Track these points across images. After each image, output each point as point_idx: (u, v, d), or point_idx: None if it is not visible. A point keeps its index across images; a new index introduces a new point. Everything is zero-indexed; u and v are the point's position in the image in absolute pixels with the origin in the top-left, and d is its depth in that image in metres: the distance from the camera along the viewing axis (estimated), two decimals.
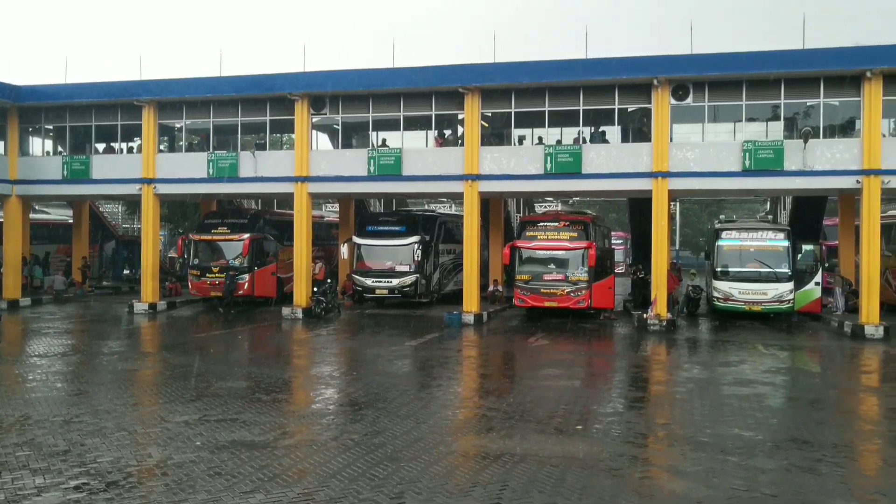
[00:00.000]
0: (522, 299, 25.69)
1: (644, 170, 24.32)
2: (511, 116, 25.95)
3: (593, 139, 25.87)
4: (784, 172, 23.43)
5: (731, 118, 25.60)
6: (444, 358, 18.66)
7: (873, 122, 22.74)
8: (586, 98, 24.93)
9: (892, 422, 12.30)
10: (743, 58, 23.45)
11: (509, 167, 25.48)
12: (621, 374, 17.48)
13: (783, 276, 25.04)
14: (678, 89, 24.07)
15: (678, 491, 8.50)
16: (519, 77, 24.86)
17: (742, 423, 11.61)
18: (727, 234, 26.35)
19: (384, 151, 26.62)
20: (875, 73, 22.42)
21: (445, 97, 26.04)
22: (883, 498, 8.41)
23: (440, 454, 9.86)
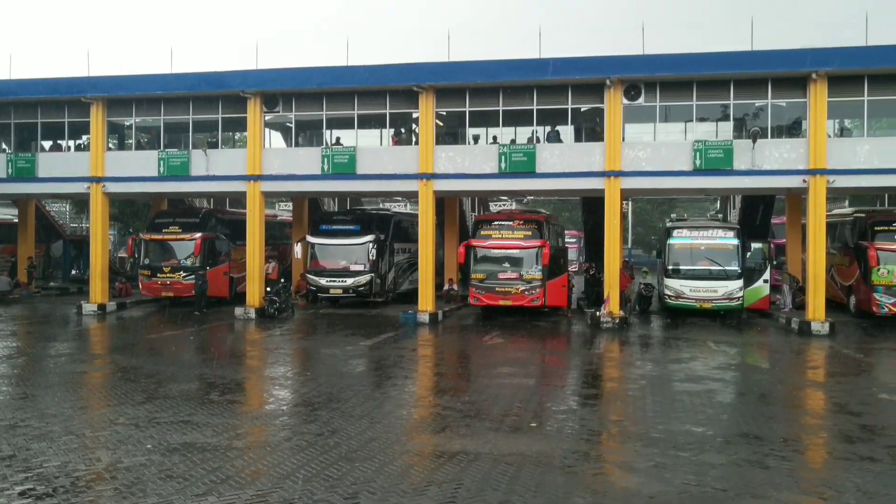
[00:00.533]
0: (477, 298, 25.75)
1: (597, 169, 24.55)
2: (465, 115, 26.00)
3: (547, 139, 26.07)
4: (733, 172, 23.85)
5: (682, 118, 25.95)
6: (399, 357, 18.63)
7: (819, 123, 23.25)
8: (540, 98, 25.09)
9: (837, 416, 12.57)
10: (693, 59, 23.83)
11: (464, 166, 25.53)
12: (575, 371, 17.62)
13: (733, 273, 25.47)
14: (630, 89, 24.34)
15: (631, 487, 8.59)
16: (473, 76, 24.92)
17: (693, 418, 11.79)
18: (678, 232, 26.72)
19: (338, 150, 26.46)
20: (820, 74, 22.93)
21: (400, 96, 25.99)
22: (828, 490, 8.59)
23: (395, 454, 9.84)
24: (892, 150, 23.19)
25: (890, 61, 22.81)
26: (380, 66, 25.73)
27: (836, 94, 23.35)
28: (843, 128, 27.20)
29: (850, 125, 27.34)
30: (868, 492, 8.44)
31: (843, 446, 10.46)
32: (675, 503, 8.05)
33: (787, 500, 8.18)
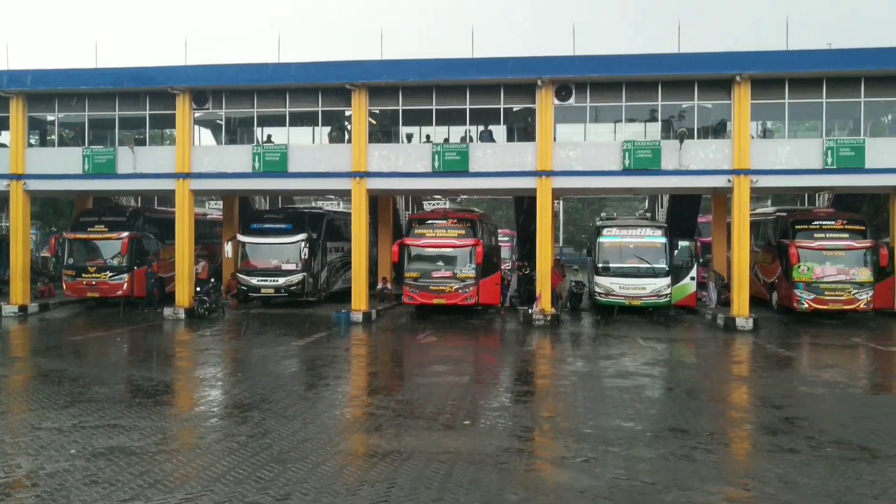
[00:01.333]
0: (411, 297, 25.76)
1: (529, 169, 24.81)
2: (399, 114, 25.98)
3: (480, 138, 26.22)
4: (661, 172, 24.37)
5: (612, 119, 26.41)
6: (331, 357, 18.50)
7: (743, 125, 23.93)
8: (473, 97, 25.23)
9: (760, 409, 12.96)
10: (622, 60, 24.27)
11: (397, 165, 25.50)
12: (508, 368, 17.77)
13: (661, 271, 26.01)
14: (561, 90, 24.66)
15: (562, 482, 8.71)
16: (406, 75, 24.91)
17: (623, 414, 12.01)
18: (608, 231, 27.16)
19: (269, 148, 26.15)
20: (744, 77, 23.60)
21: (332, 94, 25.82)
22: (752, 481, 8.85)
23: (328, 454, 9.77)
24: (811, 152, 24.00)
25: (809, 65, 23.62)
26: (312, 64, 25.52)
27: (759, 96, 24.08)
28: (766, 129, 28.04)
29: (772, 127, 28.19)
30: (789, 481, 8.72)
31: (765, 438, 10.79)
32: (605, 497, 8.18)
33: (713, 491, 8.39)
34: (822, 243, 25.01)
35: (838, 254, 24.90)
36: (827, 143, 23.78)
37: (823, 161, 23.73)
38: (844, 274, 24.68)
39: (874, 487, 8.54)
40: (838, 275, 24.69)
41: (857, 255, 24.86)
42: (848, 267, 24.73)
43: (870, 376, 16.98)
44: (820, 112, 24.47)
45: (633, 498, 8.17)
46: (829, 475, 8.97)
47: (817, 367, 17.73)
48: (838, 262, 24.82)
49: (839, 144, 23.76)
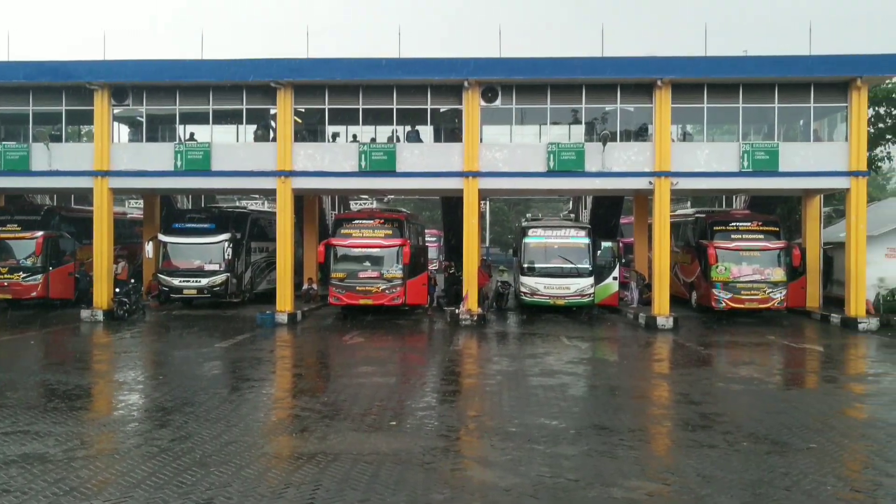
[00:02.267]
0: (337, 297, 25.58)
1: (456, 169, 24.92)
2: (325, 113, 25.81)
3: (407, 138, 26.22)
4: (585, 173, 24.78)
5: (538, 121, 26.75)
6: (256, 359, 18.24)
7: (664, 128, 24.52)
8: (400, 97, 25.22)
9: (680, 406, 13.29)
10: (547, 63, 24.58)
11: (324, 164, 25.31)
12: (434, 368, 17.80)
13: (584, 271, 26.44)
14: (488, 91, 24.85)
15: (488, 480, 8.78)
16: (332, 73, 24.76)
17: (547, 412, 12.17)
18: (533, 231, 27.47)
19: (192, 146, 25.65)
20: (665, 82, 24.18)
21: (257, 91, 25.49)
22: (671, 476, 9.07)
23: (252, 457, 9.63)
24: (728, 155, 24.74)
25: (727, 71, 24.35)
26: (236, 61, 25.09)
27: (680, 100, 24.71)
28: (686, 133, 28.78)
29: (692, 130, 28.95)
30: (707, 476, 8.98)
31: (684, 434, 11.08)
32: (530, 495, 8.28)
33: (634, 487, 8.58)
34: (739, 244, 25.81)
35: (754, 254, 25.73)
36: (743, 147, 24.54)
37: (740, 164, 24.48)
38: (760, 274, 25.51)
39: (786, 479, 8.86)
40: (754, 274, 25.51)
41: (772, 255, 25.73)
42: (763, 267, 25.57)
43: (783, 372, 17.61)
44: (737, 116, 25.25)
45: (557, 495, 8.29)
46: (744, 468, 9.26)
47: (734, 364, 18.27)
48: (754, 263, 25.64)
49: (755, 148, 24.55)
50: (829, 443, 10.53)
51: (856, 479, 9.13)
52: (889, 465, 9.52)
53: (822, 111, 25.68)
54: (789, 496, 8.30)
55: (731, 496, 8.29)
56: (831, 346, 21.10)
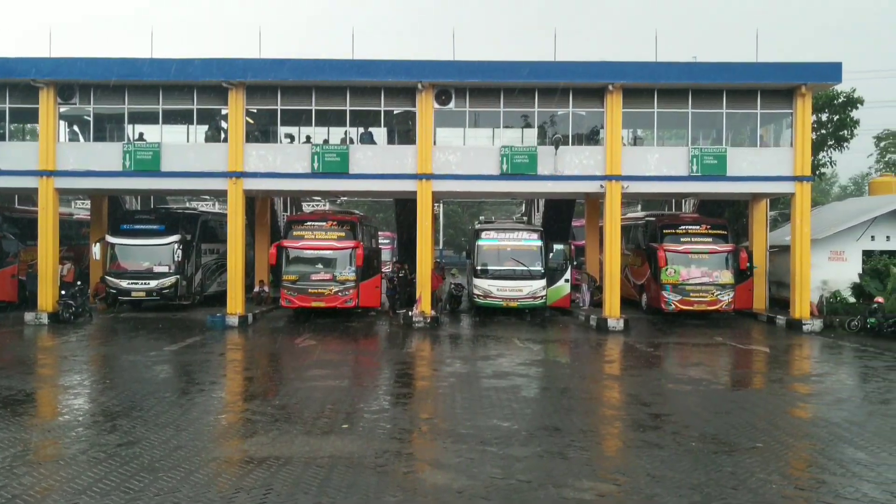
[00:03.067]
0: (289, 300, 25.39)
1: (409, 171, 24.92)
2: (277, 114, 25.59)
3: (361, 140, 26.14)
4: (537, 177, 24.97)
5: (491, 124, 26.88)
6: (206, 362, 18.01)
7: (615, 132, 24.82)
8: (353, 99, 25.14)
9: (630, 406, 13.46)
10: (500, 67, 24.72)
11: (276, 165, 25.11)
12: (387, 371, 17.76)
13: (537, 273, 26.63)
14: (441, 94, 24.90)
15: (440, 483, 8.78)
16: (284, 74, 24.58)
17: (500, 414, 12.22)
18: (486, 234, 27.59)
19: (141, 146, 25.24)
20: (616, 86, 24.49)
21: (209, 91, 25.19)
22: (622, 476, 9.18)
23: (202, 461, 9.50)
24: (678, 159, 25.15)
25: (676, 77, 24.74)
26: (187, 60, 24.76)
27: (631, 105, 25.05)
28: (637, 137, 29.17)
29: (642, 134, 29.36)
30: (656, 475, 9.11)
31: (635, 434, 11.21)
32: (482, 497, 8.31)
33: (585, 487, 8.66)
34: (688, 247, 26.23)
35: (702, 257, 26.17)
36: (692, 152, 24.95)
37: (689, 168, 24.89)
38: (708, 276, 25.94)
39: (733, 478, 9.03)
40: (702, 277, 25.94)
41: (720, 258, 26.19)
42: (711, 269, 26.01)
43: (731, 373, 17.92)
44: (686, 121, 25.67)
45: (509, 496, 8.33)
46: (692, 468, 9.41)
47: (683, 365, 18.57)
48: (703, 265, 26.07)
49: (703, 153, 24.97)
50: (774, 442, 10.75)
51: (800, 478, 9.35)
52: (831, 464, 9.76)
53: (768, 117, 26.24)
54: (736, 495, 8.46)
55: (680, 496, 8.41)
56: (777, 347, 21.54)
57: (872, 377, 16.83)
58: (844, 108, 31.96)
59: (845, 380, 16.88)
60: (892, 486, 8.80)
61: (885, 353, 19.93)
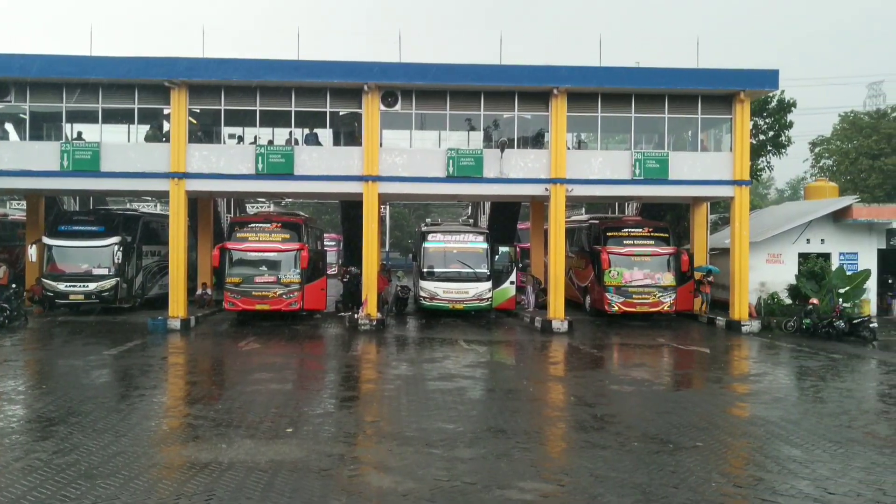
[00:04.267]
0: (233, 302, 25.08)
1: (355, 173, 24.83)
2: (221, 114, 25.25)
3: (306, 141, 25.96)
4: (483, 179, 25.08)
5: (437, 126, 26.90)
6: (147, 366, 17.65)
7: (560, 136, 25.07)
8: (299, 99, 24.95)
9: (574, 408, 13.60)
10: (447, 69, 24.77)
11: (219, 166, 24.78)
12: (333, 374, 17.66)
13: (483, 275, 26.77)
14: (388, 96, 24.85)
15: (385, 486, 8.76)
16: (228, 74, 24.27)
17: (445, 416, 12.24)
18: (432, 236, 27.64)
19: (80, 145, 24.67)
20: (561, 90, 24.73)
21: (150, 91, 24.75)
22: (565, 477, 9.28)
23: (142, 468, 9.33)
24: (620, 163, 25.50)
25: (620, 81, 25.08)
26: (128, 59, 24.30)
27: (575, 109, 25.32)
28: (581, 141, 29.50)
29: (586, 138, 29.69)
30: (600, 476, 9.22)
31: (578, 435, 11.34)
32: (427, 499, 8.32)
33: (530, 488, 8.73)
34: (631, 249, 26.62)
35: (645, 259, 26.58)
36: (635, 156, 25.33)
37: (632, 172, 25.26)
38: (650, 278, 26.36)
39: (674, 477, 9.19)
40: (645, 279, 26.34)
41: (662, 260, 26.63)
42: (653, 272, 26.43)
43: (672, 374, 18.22)
44: (629, 126, 26.03)
45: (455, 498, 8.35)
46: (635, 468, 9.55)
47: (626, 366, 18.83)
48: (645, 267, 26.48)
49: (646, 157, 25.37)
50: (714, 441, 10.97)
51: (738, 476, 9.55)
52: (768, 461, 9.99)
53: (708, 122, 26.77)
54: (677, 493, 8.61)
55: (623, 495, 8.53)
56: (717, 347, 22.00)
57: (807, 376, 17.29)
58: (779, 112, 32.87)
59: (782, 379, 17.29)
60: (825, 483, 9.05)
61: (820, 353, 20.49)
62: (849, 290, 25.55)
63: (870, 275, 26.92)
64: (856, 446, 10.74)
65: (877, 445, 10.83)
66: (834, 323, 23.19)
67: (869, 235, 28.87)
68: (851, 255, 28.69)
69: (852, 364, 19.02)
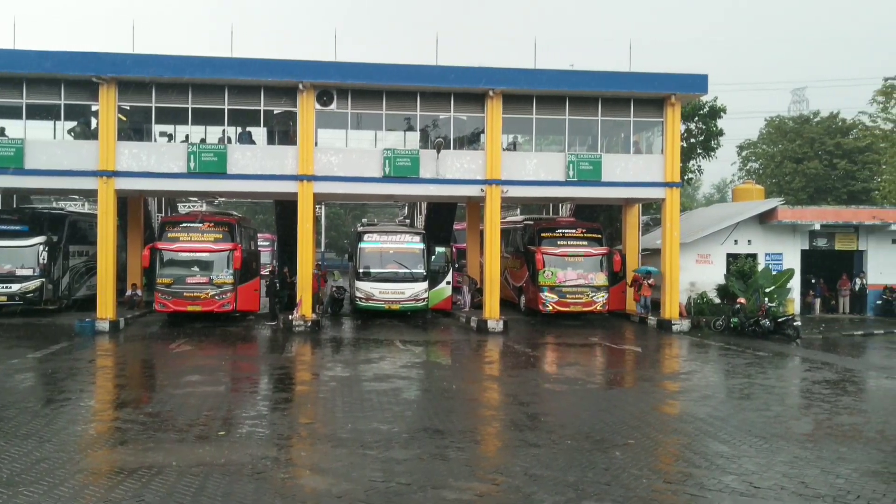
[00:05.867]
0: (164, 304, 24.58)
1: (290, 172, 24.58)
2: (152, 111, 24.71)
3: (240, 139, 25.59)
4: (420, 180, 25.09)
5: (374, 126, 26.82)
6: (74, 369, 17.17)
7: (495, 137, 25.24)
8: (232, 97, 24.59)
9: (509, 407, 13.71)
10: (382, 69, 24.71)
11: (150, 164, 24.26)
12: (266, 376, 17.45)
13: (419, 276, 26.78)
14: (323, 95, 24.67)
15: (320, 488, 8.70)
16: (159, 71, 23.77)
17: (381, 417, 12.21)
18: (368, 236, 27.53)
19: (2, 141, 23.88)
20: (496, 92, 24.90)
21: (78, 86, 24.10)
22: (500, 476, 9.34)
23: (67, 474, 9.07)
24: (554, 165, 25.79)
25: (554, 84, 25.36)
26: (55, 53, 23.58)
27: (511, 110, 25.52)
28: (516, 142, 29.74)
29: (522, 140, 29.95)
30: (533, 474, 9.31)
31: (513, 434, 11.44)
32: (362, 500, 8.28)
33: (464, 488, 8.77)
34: (565, 250, 26.94)
35: (578, 259, 26.93)
36: (569, 158, 25.64)
37: (566, 174, 25.57)
38: (584, 278, 26.71)
39: (606, 474, 9.34)
40: (578, 279, 26.69)
41: (595, 261, 27.02)
42: (587, 272, 26.79)
43: (605, 373, 18.50)
44: (563, 128, 26.35)
45: (390, 499, 8.34)
46: (568, 466, 9.67)
47: (560, 365, 19.06)
48: (578, 268, 26.83)
49: (579, 159, 25.71)
50: (645, 438, 11.19)
51: (668, 472, 9.76)
52: (697, 457, 10.23)
53: (640, 125, 27.25)
54: (609, 490, 8.75)
55: (557, 493, 8.63)
56: (648, 346, 22.43)
57: (735, 374, 17.75)
58: (710, 117, 33.71)
59: (710, 377, 17.73)
60: (751, 477, 9.31)
61: (747, 350, 21.06)
62: (774, 290, 26.31)
63: (793, 274, 27.80)
64: (780, 441, 11.07)
65: (799, 440, 11.18)
66: (760, 321, 23.87)
67: (793, 236, 29.80)
68: (776, 256, 29.57)
69: (777, 361, 19.60)
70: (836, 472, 9.53)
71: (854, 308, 30.32)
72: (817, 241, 30.00)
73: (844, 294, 30.40)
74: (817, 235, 29.92)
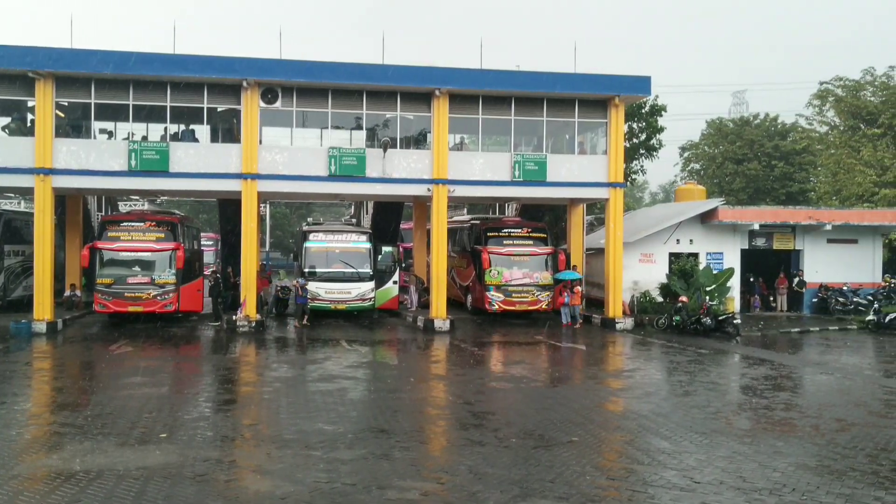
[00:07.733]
0: (104, 304, 24.06)
1: (233, 171, 24.28)
2: (91, 108, 24.16)
3: (182, 137, 25.17)
4: (366, 179, 24.99)
5: (319, 125, 26.64)
6: (9, 372, 16.72)
7: (442, 137, 25.26)
8: (174, 94, 24.18)
9: (454, 406, 13.75)
10: (328, 67, 24.55)
11: (89, 162, 23.73)
12: (209, 377, 17.21)
13: (365, 275, 26.68)
14: (267, 93, 24.41)
15: (263, 490, 8.60)
16: (99, 66, 23.23)
17: (325, 417, 12.13)
18: (314, 236, 27.34)
19: None
20: (443, 92, 24.91)
21: (13, 81, 23.46)
22: (445, 475, 9.36)
23: (0, 480, 8.81)
24: (500, 165, 25.92)
25: (500, 84, 25.47)
26: None
27: (457, 110, 25.57)
28: (463, 142, 29.83)
29: (468, 140, 30.04)
30: (478, 473, 9.34)
31: (458, 433, 11.47)
32: (306, 502, 8.22)
33: (409, 487, 8.76)
34: (511, 249, 27.11)
35: (524, 259, 27.12)
36: (515, 158, 25.79)
37: (512, 174, 25.72)
38: (529, 277, 26.91)
39: (551, 472, 9.42)
40: (524, 278, 26.88)
41: (540, 260, 27.24)
42: (532, 271, 27.00)
43: (549, 371, 18.65)
44: (509, 128, 26.49)
45: (335, 500, 8.29)
46: (513, 464, 9.73)
47: (506, 363, 19.16)
48: (524, 267, 27.02)
49: (525, 159, 25.88)
50: (589, 435, 11.32)
51: (611, 468, 9.89)
52: (640, 454, 10.38)
53: (585, 126, 27.52)
54: (553, 487, 8.82)
55: (502, 491, 8.67)
56: (592, 344, 22.68)
57: (677, 371, 18.06)
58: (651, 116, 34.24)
59: (653, 374, 18.00)
60: (691, 472, 9.48)
61: (688, 348, 21.44)
62: (715, 289, 26.79)
63: (734, 273, 28.36)
64: (719, 437, 11.30)
65: (738, 436, 11.42)
66: (701, 320, 24.32)
67: (733, 236, 30.40)
68: (717, 255, 30.13)
69: (717, 358, 20.00)
70: (773, 466, 9.75)
71: (791, 306, 31.07)
72: (756, 240, 30.66)
73: (782, 292, 31.13)
74: (756, 235, 30.57)
